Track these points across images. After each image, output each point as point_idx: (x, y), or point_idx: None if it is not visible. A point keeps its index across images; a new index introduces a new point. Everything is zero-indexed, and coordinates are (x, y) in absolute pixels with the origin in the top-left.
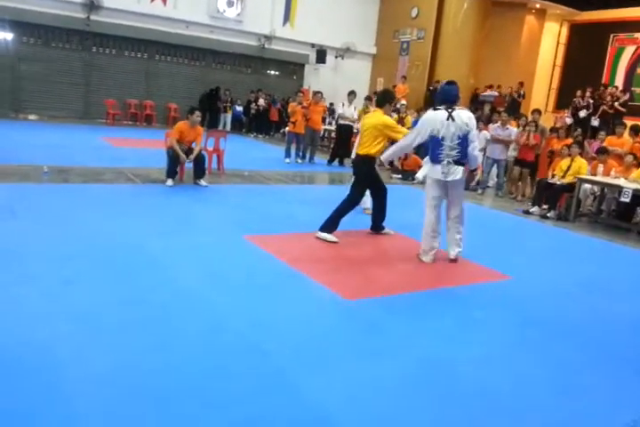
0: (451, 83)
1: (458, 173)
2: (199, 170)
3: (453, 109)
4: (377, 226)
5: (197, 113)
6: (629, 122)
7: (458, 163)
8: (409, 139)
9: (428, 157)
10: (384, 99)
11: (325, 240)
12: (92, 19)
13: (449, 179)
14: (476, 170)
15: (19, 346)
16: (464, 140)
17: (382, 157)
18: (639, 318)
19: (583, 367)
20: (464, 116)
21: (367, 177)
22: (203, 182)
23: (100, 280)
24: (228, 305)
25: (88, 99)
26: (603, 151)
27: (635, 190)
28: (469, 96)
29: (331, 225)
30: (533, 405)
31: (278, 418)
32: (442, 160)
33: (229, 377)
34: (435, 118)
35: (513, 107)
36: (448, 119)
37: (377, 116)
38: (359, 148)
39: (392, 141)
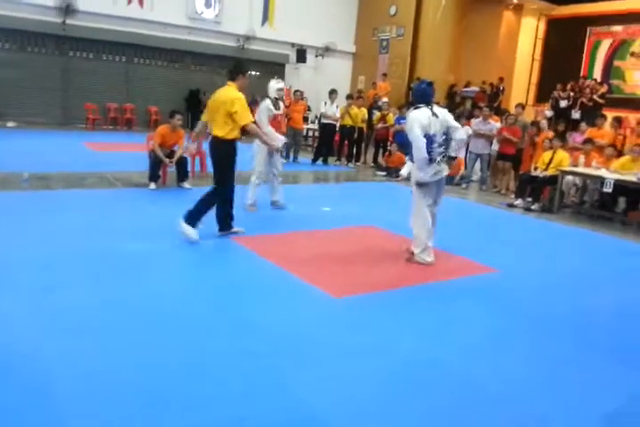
0: (429, 83)
1: (445, 169)
2: (182, 173)
3: (432, 107)
4: (223, 224)
5: (178, 116)
6: (609, 113)
7: (446, 158)
8: (419, 144)
9: (409, 158)
10: (237, 70)
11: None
12: (67, 23)
13: (438, 177)
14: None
15: (3, 354)
16: (446, 136)
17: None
18: (623, 308)
19: (569, 358)
20: (443, 112)
21: (228, 162)
22: (186, 185)
23: (83, 285)
24: (214, 306)
25: (67, 104)
26: (588, 142)
27: (616, 180)
28: (447, 92)
29: (195, 218)
30: (519, 396)
31: (266, 418)
32: (435, 158)
33: (217, 378)
34: (423, 116)
35: (495, 101)
36: (433, 116)
37: (229, 93)
38: (214, 128)
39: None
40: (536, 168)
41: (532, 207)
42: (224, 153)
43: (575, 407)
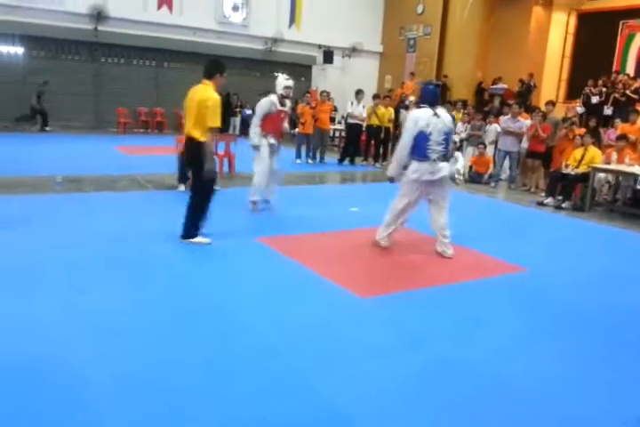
0: (436, 85)
1: (444, 169)
2: None
3: (436, 108)
4: (186, 232)
5: None
6: None
7: (444, 159)
8: (404, 142)
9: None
10: (214, 68)
11: (200, 243)
12: (99, 29)
13: (436, 177)
14: None
15: (36, 355)
16: (448, 137)
17: (391, 174)
18: None
19: (600, 358)
20: (446, 114)
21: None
22: (215, 186)
23: (115, 287)
24: (242, 306)
25: (99, 108)
26: (622, 138)
27: None
28: (475, 89)
29: (195, 229)
30: (551, 396)
31: (291, 417)
32: (429, 156)
33: (242, 378)
34: (423, 115)
35: (525, 99)
36: (434, 116)
37: (204, 91)
38: (187, 128)
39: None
40: (567, 165)
41: (563, 205)
42: (199, 154)
43: (608, 407)
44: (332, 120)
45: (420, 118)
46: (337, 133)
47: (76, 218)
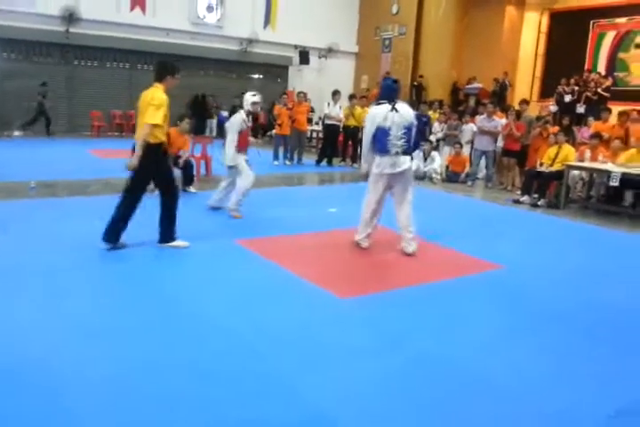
0: (394, 80)
1: (406, 162)
2: (187, 177)
3: (396, 103)
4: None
5: (187, 120)
6: (614, 107)
7: (405, 153)
8: (365, 139)
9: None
10: (164, 70)
11: (178, 246)
12: (71, 31)
13: (397, 170)
14: None
15: (17, 358)
16: (409, 131)
17: (363, 171)
18: (631, 303)
19: (579, 353)
20: (407, 108)
21: (147, 170)
22: (191, 189)
23: (93, 291)
24: (221, 309)
25: (73, 112)
26: (595, 136)
27: (623, 174)
28: (450, 89)
29: (174, 232)
30: (532, 391)
31: (275, 419)
32: (390, 150)
33: (225, 379)
34: (379, 111)
35: (500, 98)
36: (392, 110)
37: (152, 92)
38: (137, 131)
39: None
40: (542, 164)
41: (539, 203)
42: (153, 157)
43: (587, 401)
44: (310, 121)
45: (376, 115)
46: (314, 134)
47: (50, 223)
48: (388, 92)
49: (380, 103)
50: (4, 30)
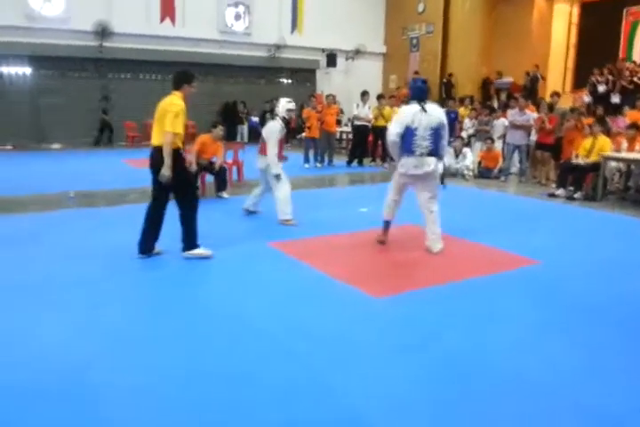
0: (423, 81)
1: (430, 164)
2: (220, 183)
3: (425, 103)
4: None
5: (220, 127)
6: None
7: (430, 154)
8: (391, 131)
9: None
10: (181, 79)
11: (201, 255)
12: (104, 45)
13: (420, 172)
14: None
15: (54, 371)
16: (436, 132)
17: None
18: None
19: (616, 347)
20: (437, 109)
21: (181, 171)
22: (224, 195)
23: (130, 300)
24: (257, 312)
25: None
26: (632, 126)
27: None
28: (480, 84)
29: (194, 239)
30: (569, 387)
31: (313, 420)
32: (414, 151)
33: (262, 381)
34: (409, 110)
35: (532, 91)
36: (421, 111)
37: (171, 100)
38: (153, 138)
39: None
40: (577, 156)
41: (575, 196)
42: (173, 164)
43: (623, 396)
44: (339, 123)
45: (405, 115)
46: (344, 136)
47: (90, 232)
48: (418, 93)
49: (409, 103)
50: (39, 48)
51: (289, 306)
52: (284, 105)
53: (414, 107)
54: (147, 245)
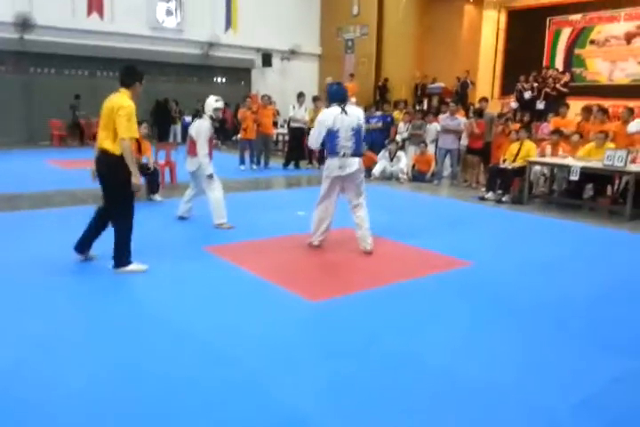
0: (338, 83)
1: (354, 164)
2: (153, 185)
3: (345, 105)
4: (83, 246)
5: (144, 125)
6: (573, 102)
7: (353, 155)
8: (312, 139)
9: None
10: (133, 76)
11: (133, 271)
12: (26, 38)
13: (345, 172)
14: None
15: None
16: (357, 133)
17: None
18: (598, 293)
19: (550, 346)
20: (356, 111)
21: (122, 181)
22: (157, 197)
23: (60, 305)
24: (192, 317)
25: (31, 122)
26: (556, 132)
27: (582, 168)
28: (413, 89)
29: (125, 256)
30: (504, 386)
31: (249, 423)
32: (338, 152)
33: (198, 386)
34: (330, 114)
35: (462, 96)
36: (341, 113)
37: (119, 100)
38: (99, 140)
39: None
40: (504, 160)
41: (503, 199)
42: (113, 170)
43: (560, 393)
44: (275, 124)
45: (326, 118)
46: (280, 138)
47: (14, 237)
48: (337, 96)
49: (330, 106)
50: None
51: (224, 311)
52: (211, 104)
53: (335, 109)
54: (82, 246)
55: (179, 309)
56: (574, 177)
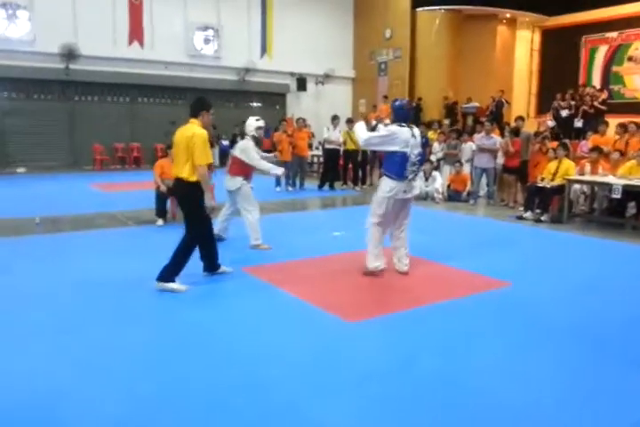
0: (409, 103)
1: (416, 188)
2: None
3: (412, 128)
4: (212, 264)
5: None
6: (612, 119)
7: (415, 177)
8: (372, 136)
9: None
10: (200, 106)
11: (172, 290)
12: (71, 68)
13: (409, 195)
14: None
15: (22, 400)
16: (422, 156)
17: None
18: (637, 315)
19: (591, 368)
20: (419, 133)
21: (197, 206)
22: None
23: (102, 326)
24: (229, 336)
25: (74, 147)
26: (595, 150)
27: (624, 186)
28: (446, 109)
29: (173, 273)
30: (544, 410)
31: None
32: (407, 176)
33: (243, 411)
34: (405, 134)
35: (497, 115)
36: (412, 136)
37: (192, 129)
38: (175, 170)
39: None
40: (542, 179)
41: (542, 218)
42: (190, 196)
43: (604, 417)
44: (310, 146)
45: (401, 137)
46: (315, 159)
47: (58, 259)
48: (406, 116)
49: (401, 125)
50: (3, 70)
51: (263, 332)
52: (253, 124)
53: (407, 131)
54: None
55: (218, 330)
56: (616, 195)
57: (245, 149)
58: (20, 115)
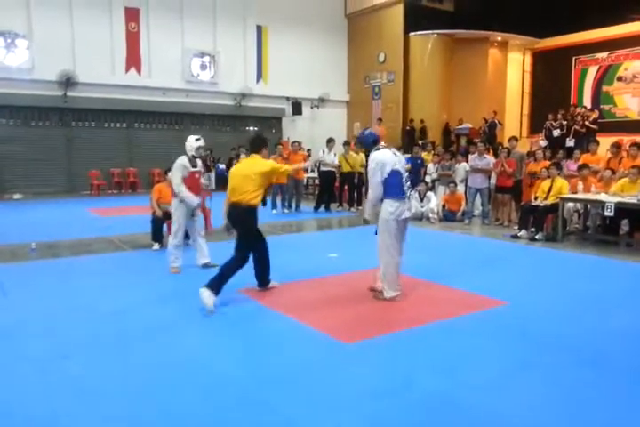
0: (370, 132)
1: (414, 205)
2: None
3: (390, 148)
4: (264, 281)
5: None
6: (604, 138)
7: (410, 197)
8: (376, 182)
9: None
10: (258, 144)
11: (206, 300)
12: (68, 95)
13: (409, 214)
14: None
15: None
16: (409, 174)
17: (368, 217)
18: (635, 332)
19: (589, 384)
20: (396, 151)
21: (253, 229)
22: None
23: (98, 351)
24: (227, 360)
25: (72, 172)
26: (583, 167)
27: (617, 203)
28: (442, 131)
29: (218, 286)
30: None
31: None
32: (405, 193)
33: None
34: (387, 155)
35: (490, 136)
36: (395, 155)
37: (258, 163)
38: (238, 197)
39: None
40: (536, 198)
41: (537, 237)
42: (251, 221)
43: None
44: (305, 169)
45: (387, 159)
46: (311, 182)
47: (54, 284)
48: (375, 139)
49: (378, 148)
50: (2, 98)
51: (258, 354)
52: (192, 144)
53: (387, 151)
54: (261, 281)
55: (210, 352)
56: (609, 213)
57: (175, 169)
58: (17, 141)
